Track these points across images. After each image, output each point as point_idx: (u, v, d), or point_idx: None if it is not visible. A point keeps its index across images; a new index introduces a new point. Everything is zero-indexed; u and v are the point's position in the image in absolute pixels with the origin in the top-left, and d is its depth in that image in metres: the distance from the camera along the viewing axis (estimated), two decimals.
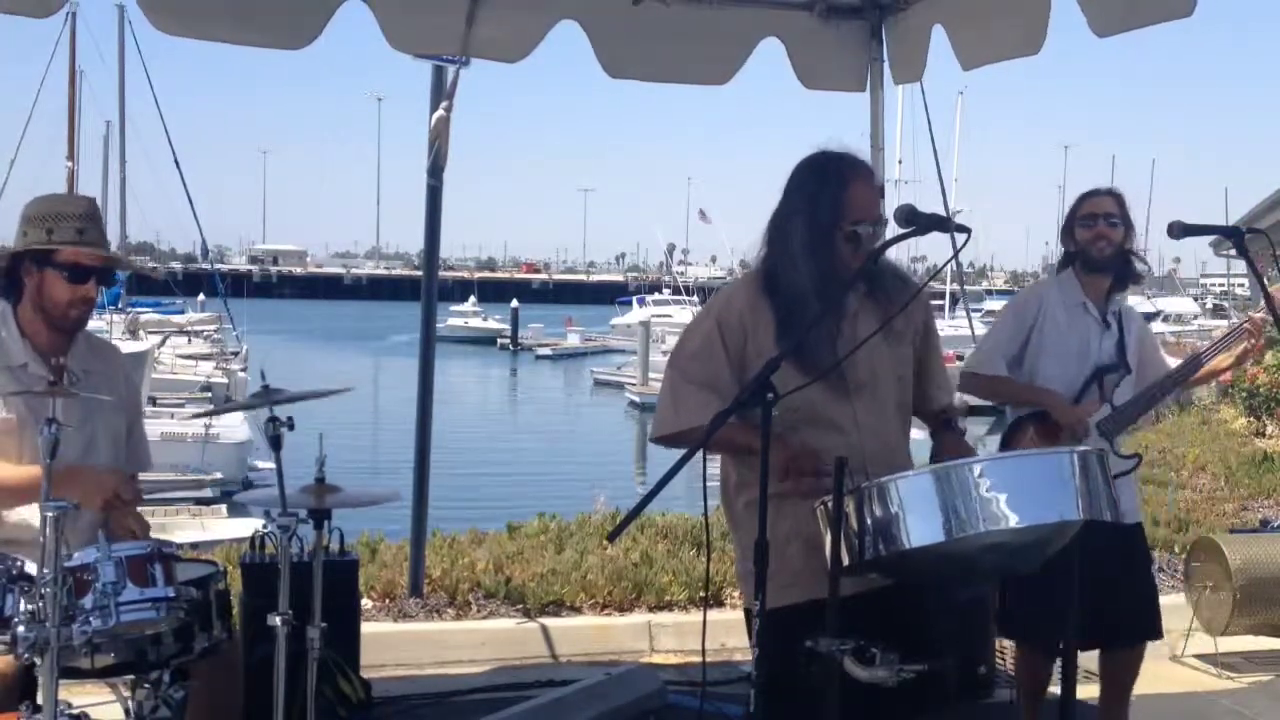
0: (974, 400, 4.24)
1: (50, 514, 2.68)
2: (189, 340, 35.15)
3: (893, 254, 3.24)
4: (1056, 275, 4.20)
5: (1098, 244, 4.04)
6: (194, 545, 8.56)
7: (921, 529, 2.63)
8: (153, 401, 22.40)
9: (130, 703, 3.07)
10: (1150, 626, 4.05)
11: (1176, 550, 7.24)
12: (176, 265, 78.24)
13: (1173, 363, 4.25)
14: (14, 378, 3.34)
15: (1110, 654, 4.08)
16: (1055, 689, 3.75)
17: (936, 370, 3.36)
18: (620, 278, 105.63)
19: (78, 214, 3.40)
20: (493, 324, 60.95)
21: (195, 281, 46.40)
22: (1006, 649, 5.10)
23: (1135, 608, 4.01)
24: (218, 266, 40.91)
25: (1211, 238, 6.96)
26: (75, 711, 2.83)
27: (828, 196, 3.08)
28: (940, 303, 41.73)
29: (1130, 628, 4.03)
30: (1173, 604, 5.83)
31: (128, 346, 21.04)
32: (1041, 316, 4.05)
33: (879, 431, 3.12)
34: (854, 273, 3.01)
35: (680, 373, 3.15)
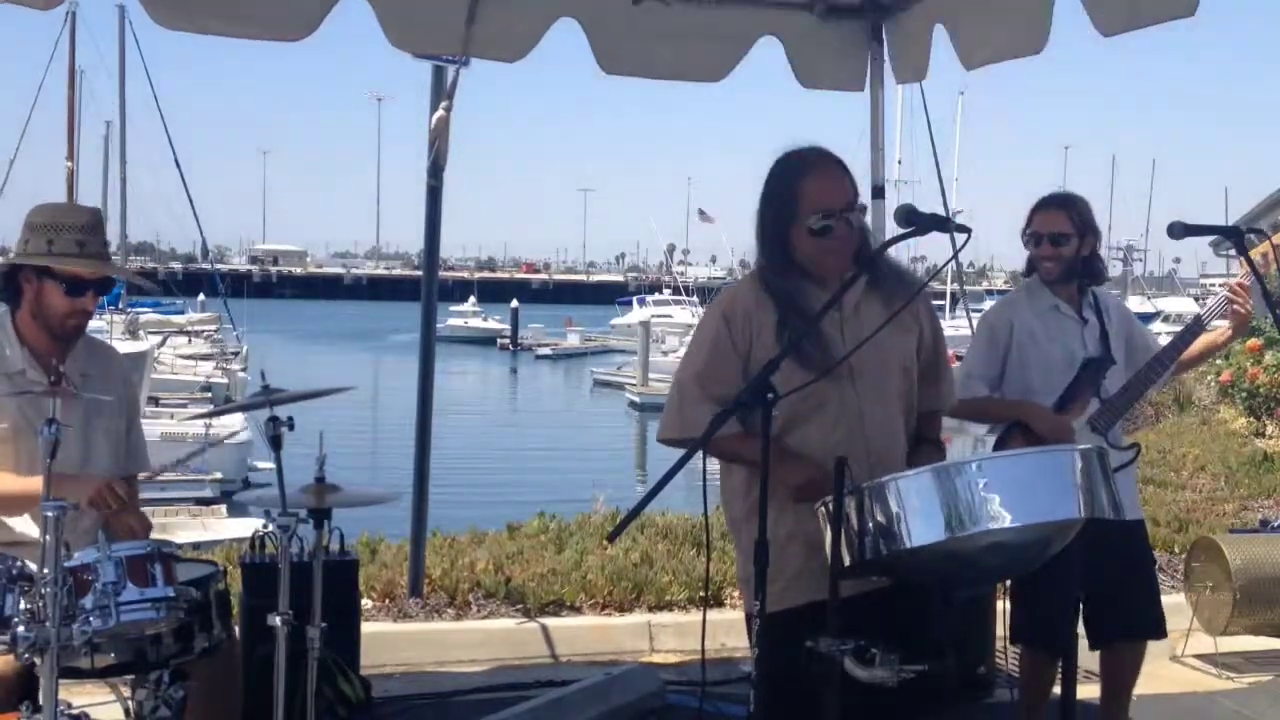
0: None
1: (50, 514, 2.68)
2: (189, 340, 35.17)
3: (892, 254, 3.24)
4: (1025, 281, 4.11)
5: (1044, 264, 3.98)
6: (194, 545, 8.58)
7: (922, 528, 2.63)
8: (154, 401, 22.43)
9: (130, 703, 3.08)
10: (1152, 625, 4.03)
11: (1176, 550, 7.23)
12: (176, 265, 78.25)
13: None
14: (11, 384, 3.34)
15: (1111, 652, 4.07)
16: (1056, 688, 3.75)
17: (942, 374, 3.35)
18: (620, 278, 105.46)
19: (79, 225, 3.40)
20: (493, 324, 60.96)
21: (195, 282, 46.37)
22: (1006, 649, 5.10)
23: (1136, 606, 3.99)
24: (218, 267, 40.91)
25: (1211, 238, 6.95)
26: (75, 711, 2.83)
27: (778, 198, 3.08)
28: (940, 303, 41.74)
29: (1132, 626, 4.01)
30: (1173, 604, 5.81)
31: (127, 347, 21.07)
32: (1016, 335, 3.97)
33: (884, 424, 3.11)
34: (852, 269, 3.00)
35: (687, 376, 3.15)
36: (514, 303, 59.91)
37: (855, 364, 3.04)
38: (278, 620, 3.33)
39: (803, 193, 3.05)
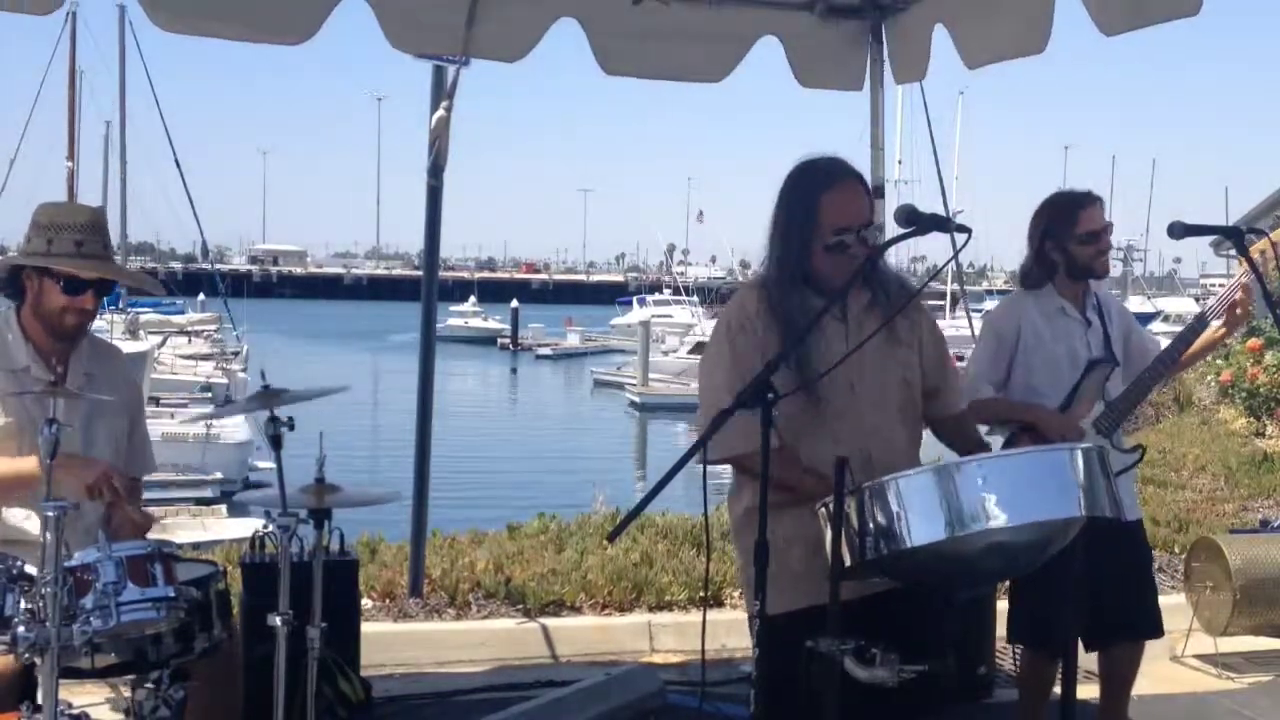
0: None
1: (50, 514, 2.68)
2: (189, 340, 35.17)
3: (892, 255, 3.24)
4: (1032, 289, 4.03)
5: (1101, 260, 3.95)
6: (194, 545, 8.57)
7: (923, 528, 2.63)
8: (154, 401, 22.44)
9: (130, 703, 3.08)
10: (1150, 624, 4.04)
11: (1176, 550, 7.24)
12: (176, 265, 78.41)
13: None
14: (16, 381, 3.35)
15: (1109, 652, 4.07)
16: (1056, 688, 3.75)
17: (949, 377, 3.34)
18: (620, 278, 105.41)
19: (78, 225, 3.40)
20: (493, 324, 61.02)
21: (195, 282, 46.42)
22: (1006, 649, 5.10)
23: (1135, 605, 3.99)
24: (218, 266, 40.96)
25: (1211, 238, 6.95)
26: (75, 711, 2.83)
27: (800, 210, 3.05)
28: (940, 303, 41.73)
29: (1130, 625, 4.01)
30: (1173, 604, 5.81)
31: (128, 346, 21.08)
32: (1023, 337, 3.95)
33: (884, 436, 3.09)
34: (850, 277, 2.99)
35: (719, 393, 3.04)
36: (514, 303, 59.93)
37: (855, 377, 3.04)
38: (278, 620, 3.33)
39: (822, 208, 3.03)
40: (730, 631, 5.09)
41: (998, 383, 3.95)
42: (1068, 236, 3.92)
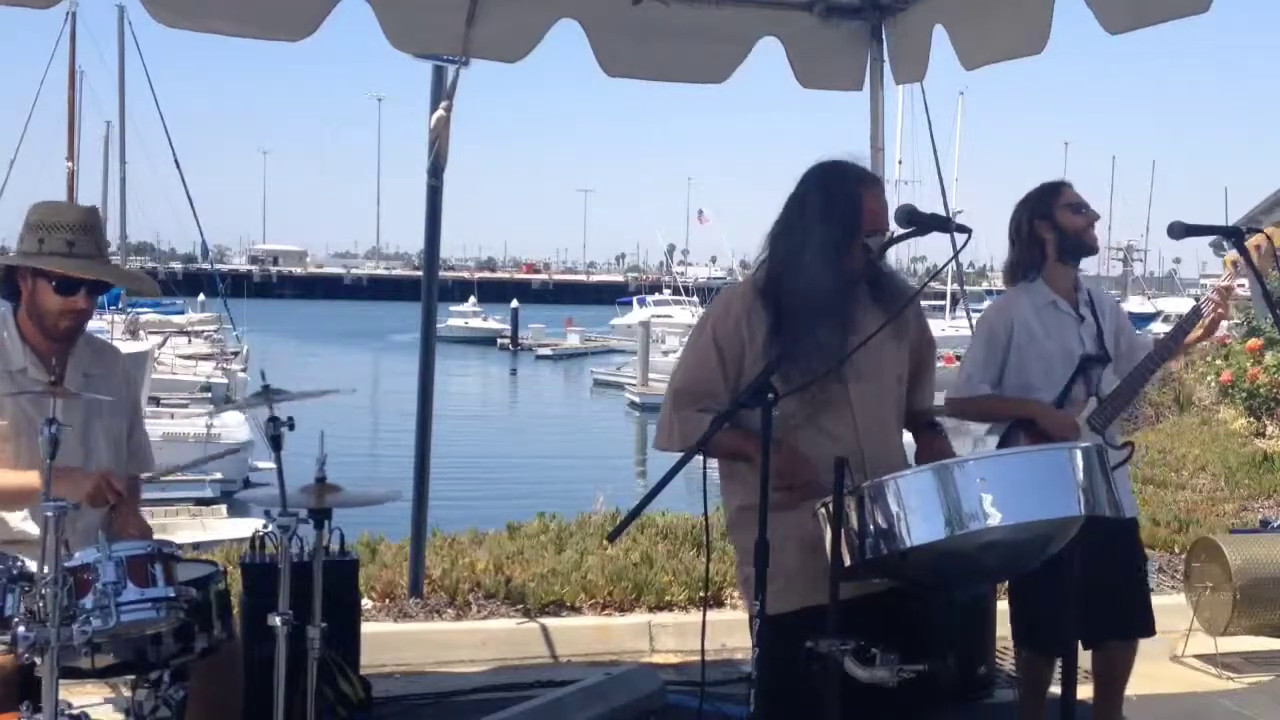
0: None
1: (50, 514, 2.68)
2: (189, 340, 35.17)
3: (892, 255, 3.25)
4: (1024, 284, 4.04)
5: (1090, 232, 4.00)
6: (194, 545, 8.58)
7: (923, 527, 2.63)
8: (155, 401, 22.45)
9: (130, 703, 3.08)
10: (1142, 623, 4.04)
11: (1176, 550, 7.24)
12: (176, 265, 78.49)
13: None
14: (13, 382, 3.34)
15: (1102, 651, 4.06)
16: (1055, 689, 3.75)
17: (926, 380, 3.37)
18: (620, 278, 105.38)
19: (70, 224, 3.38)
20: (493, 324, 61.03)
21: (195, 281, 46.41)
22: (1006, 649, 5.10)
23: (1127, 604, 3.99)
24: (218, 266, 40.99)
25: (1211, 238, 6.94)
26: (75, 711, 2.83)
27: (847, 207, 3.06)
28: (940, 303, 41.74)
29: (1123, 624, 4.01)
30: (1173, 604, 5.82)
31: (128, 347, 21.08)
32: (1016, 333, 3.96)
33: (878, 433, 3.11)
34: (854, 278, 3.00)
35: (677, 388, 3.16)
36: (514, 303, 59.94)
37: (852, 371, 3.04)
38: (278, 620, 3.33)
39: (864, 207, 3.06)
40: (730, 631, 5.09)
41: (993, 379, 3.97)
42: (1055, 209, 3.98)
